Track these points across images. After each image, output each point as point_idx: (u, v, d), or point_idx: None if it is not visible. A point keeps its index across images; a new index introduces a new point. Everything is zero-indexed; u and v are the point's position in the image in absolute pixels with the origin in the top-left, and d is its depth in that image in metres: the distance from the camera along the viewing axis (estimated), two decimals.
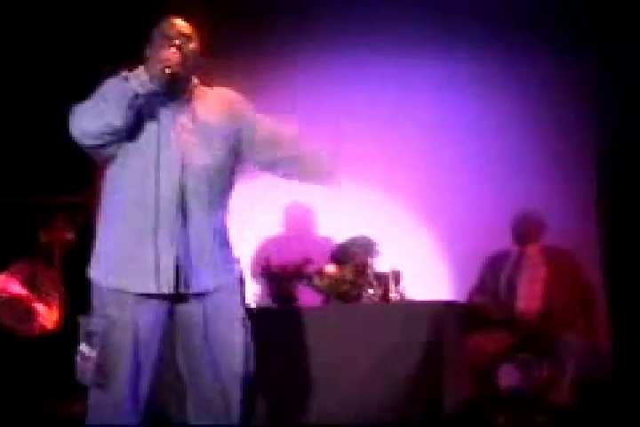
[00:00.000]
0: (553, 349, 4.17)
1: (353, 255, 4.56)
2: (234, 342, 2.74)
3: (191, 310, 2.75)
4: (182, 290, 2.70)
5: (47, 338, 4.75)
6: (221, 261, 2.78)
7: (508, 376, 4.21)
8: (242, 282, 2.97)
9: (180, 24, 2.82)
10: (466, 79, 5.36)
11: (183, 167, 2.70)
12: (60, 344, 4.33)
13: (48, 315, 4.82)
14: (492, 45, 5.29)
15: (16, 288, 4.83)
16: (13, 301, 4.80)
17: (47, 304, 4.85)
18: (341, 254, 4.65)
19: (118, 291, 2.70)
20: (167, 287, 2.68)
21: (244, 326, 2.78)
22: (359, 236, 4.73)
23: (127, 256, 2.71)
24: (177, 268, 2.69)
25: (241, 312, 2.80)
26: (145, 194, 2.69)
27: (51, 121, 2.77)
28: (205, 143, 2.76)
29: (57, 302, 4.88)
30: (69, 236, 4.94)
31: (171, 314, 2.76)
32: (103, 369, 2.66)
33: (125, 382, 2.67)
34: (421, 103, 5.41)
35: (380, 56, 5.38)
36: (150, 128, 2.72)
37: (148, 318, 2.71)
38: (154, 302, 2.71)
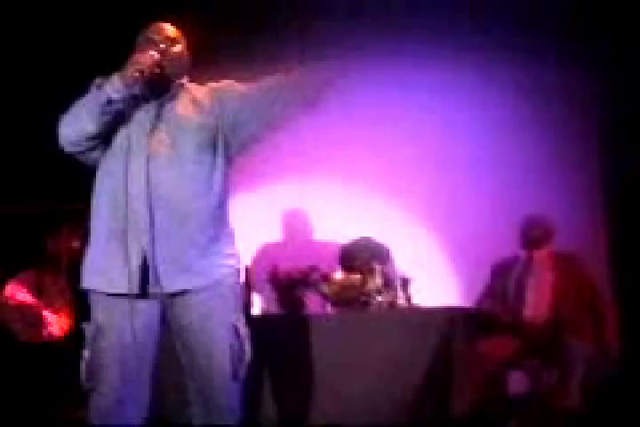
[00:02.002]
0: (561, 354, 4.16)
1: (357, 258, 4.56)
2: (220, 352, 2.74)
3: (176, 314, 2.75)
4: (153, 290, 2.70)
5: (56, 345, 4.75)
6: (207, 259, 2.76)
7: (516, 382, 4.21)
8: (238, 283, 2.89)
9: (164, 28, 2.85)
10: (474, 86, 5.36)
11: (158, 167, 2.70)
12: (69, 351, 4.34)
13: (56, 322, 4.83)
14: (499, 51, 5.29)
15: (24, 296, 4.84)
16: (22, 308, 4.80)
17: (55, 311, 4.85)
18: (346, 258, 4.66)
19: (99, 293, 2.74)
20: (133, 287, 2.68)
21: (235, 332, 2.76)
22: (362, 238, 4.73)
23: (101, 257, 2.74)
24: (147, 267, 2.69)
25: (231, 318, 2.78)
26: (117, 197, 2.70)
27: (54, 130, 2.78)
28: (177, 139, 2.75)
29: (65, 308, 4.89)
30: (76, 243, 4.95)
31: (162, 315, 2.77)
32: (93, 373, 2.70)
33: (116, 385, 2.69)
34: (428, 109, 5.42)
35: (386, 60, 5.38)
36: (127, 132, 2.73)
37: (136, 320, 2.71)
38: (139, 302, 2.71)
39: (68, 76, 5.06)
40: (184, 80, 2.89)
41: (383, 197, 5.48)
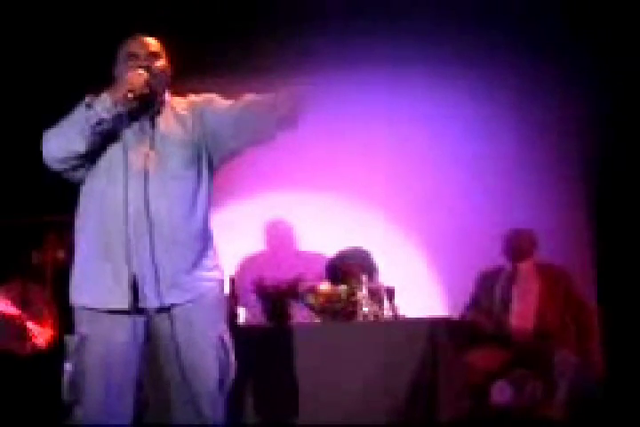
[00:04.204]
0: (546, 365, 4.17)
1: (347, 268, 4.55)
2: (207, 363, 2.73)
3: (162, 327, 2.75)
4: (142, 305, 2.69)
5: (40, 357, 4.73)
6: (193, 273, 2.76)
7: (501, 393, 4.21)
8: (222, 295, 2.90)
9: (147, 42, 2.83)
10: (465, 97, 5.38)
11: (145, 184, 2.70)
12: (54, 363, 4.34)
13: (41, 334, 4.81)
14: (489, 63, 5.33)
15: (9, 308, 4.82)
16: (5, 320, 4.78)
17: (39, 323, 4.83)
18: (335, 268, 4.65)
19: (85, 308, 2.73)
20: (124, 303, 2.67)
21: (221, 343, 2.76)
22: (351, 248, 4.73)
23: (89, 273, 2.74)
24: (136, 282, 2.68)
25: (218, 329, 2.78)
26: (107, 214, 2.70)
27: (38, 145, 2.78)
28: (162, 155, 2.75)
29: (49, 320, 4.87)
30: (61, 255, 4.95)
31: (147, 329, 2.76)
32: (77, 385, 2.70)
33: (99, 397, 2.68)
34: (418, 121, 5.44)
35: (373, 70, 5.40)
36: (114, 149, 2.73)
37: (121, 334, 2.71)
38: (125, 317, 2.70)
39: (49, 91, 5.09)
40: (167, 95, 2.88)
41: (369, 207, 5.49)
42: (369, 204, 5.49)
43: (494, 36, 5.20)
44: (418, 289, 5.10)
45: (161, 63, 2.81)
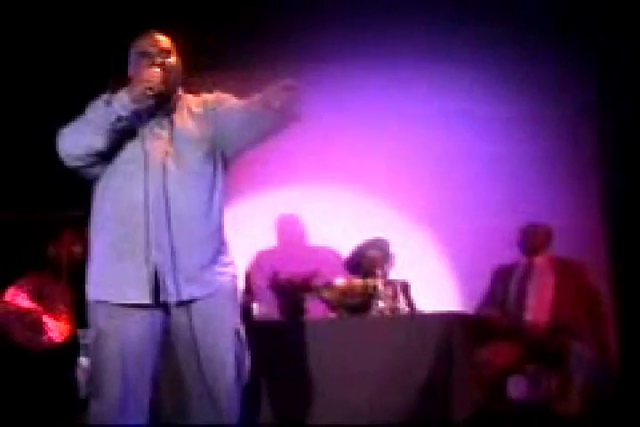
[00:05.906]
0: (562, 360, 4.17)
1: (371, 259, 4.54)
2: (224, 354, 2.76)
3: (181, 320, 2.77)
4: (163, 298, 2.72)
5: (56, 351, 4.75)
6: (210, 268, 2.79)
7: (517, 388, 4.22)
8: (236, 290, 2.93)
9: (158, 39, 2.85)
10: (478, 95, 5.37)
11: (164, 180, 2.72)
12: (69, 357, 4.37)
13: (57, 328, 4.83)
14: (506, 62, 5.33)
15: (25, 301, 4.84)
16: (22, 314, 4.80)
17: (56, 317, 4.85)
18: (358, 259, 4.63)
19: (104, 302, 2.75)
20: (145, 297, 2.70)
21: (237, 336, 2.79)
22: (375, 238, 4.71)
23: (108, 268, 2.76)
24: (157, 277, 2.71)
25: (233, 322, 2.81)
26: (125, 209, 2.72)
27: (54, 141, 2.79)
28: (180, 152, 2.77)
29: (65, 314, 4.88)
30: (77, 249, 4.96)
31: (164, 324, 2.78)
32: (94, 380, 2.72)
33: (116, 393, 2.70)
34: (429, 114, 5.43)
35: (382, 62, 5.40)
36: (131, 146, 2.75)
37: (138, 328, 2.73)
38: (143, 312, 2.73)
39: (65, 86, 5.11)
40: (180, 92, 2.90)
41: (382, 203, 5.49)
42: (382, 199, 5.49)
43: (512, 35, 5.19)
44: (433, 284, 5.09)
45: (172, 59, 2.84)
